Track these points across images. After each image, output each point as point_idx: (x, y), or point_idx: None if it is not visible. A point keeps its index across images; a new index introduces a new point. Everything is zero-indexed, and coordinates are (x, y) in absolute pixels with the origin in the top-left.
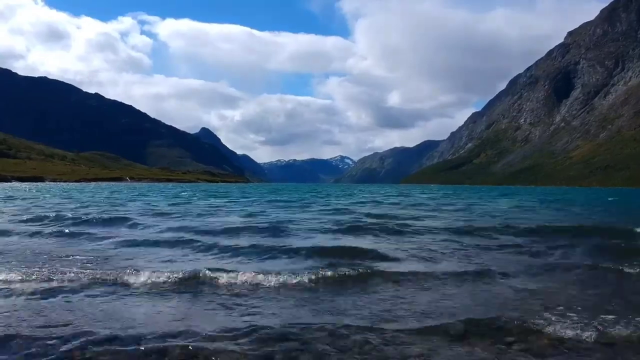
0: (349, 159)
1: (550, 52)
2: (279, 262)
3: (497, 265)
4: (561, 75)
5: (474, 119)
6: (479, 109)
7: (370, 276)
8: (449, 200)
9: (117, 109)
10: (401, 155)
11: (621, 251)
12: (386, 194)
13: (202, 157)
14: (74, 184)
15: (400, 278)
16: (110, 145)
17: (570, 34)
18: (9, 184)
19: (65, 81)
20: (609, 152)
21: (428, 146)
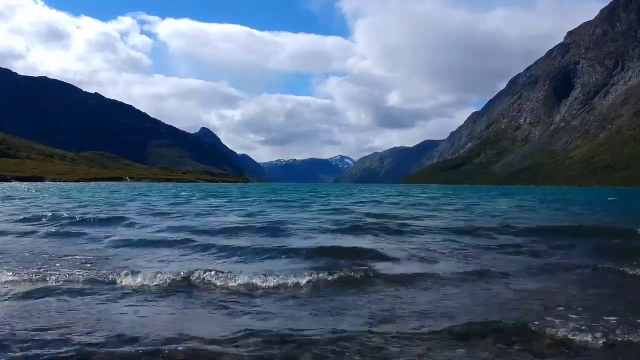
0: (349, 159)
1: (550, 52)
2: (278, 262)
3: (497, 266)
4: (561, 75)
5: (474, 119)
6: (479, 109)
7: (370, 277)
8: (448, 200)
9: (117, 109)
10: (401, 155)
11: (622, 252)
12: (386, 194)
13: (202, 157)
14: (73, 184)
15: (400, 279)
16: (110, 145)
17: (570, 34)
18: (9, 184)
19: (65, 81)
20: (609, 152)
21: (428, 146)
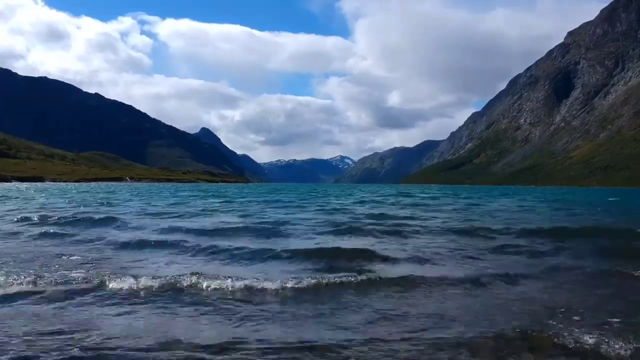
0: (349, 159)
1: (550, 52)
2: (275, 265)
3: (498, 267)
4: (561, 75)
5: (474, 119)
6: (479, 109)
7: (368, 281)
8: (448, 201)
9: (117, 109)
10: (401, 155)
11: (625, 253)
12: (386, 194)
13: (202, 157)
14: (73, 184)
15: (399, 282)
16: (110, 145)
17: (570, 34)
18: (8, 184)
19: (65, 81)
20: (609, 152)
21: (428, 146)
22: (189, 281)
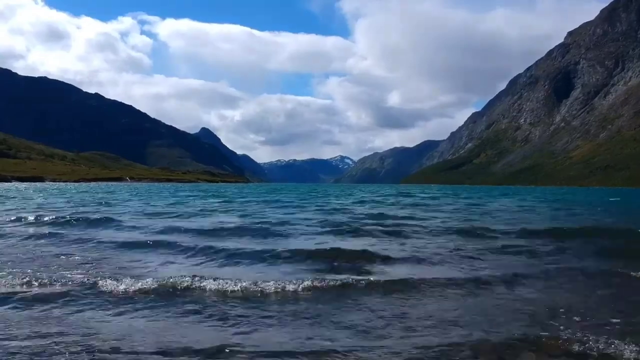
0: (349, 159)
1: (550, 52)
2: (273, 266)
3: (499, 268)
4: (561, 75)
5: (474, 119)
6: (479, 109)
7: (368, 282)
8: (448, 201)
9: (117, 109)
10: (401, 155)
11: (625, 253)
12: (386, 194)
13: (202, 157)
14: (73, 184)
15: (399, 283)
16: (110, 145)
17: (570, 34)
18: (8, 184)
19: (65, 81)
20: (609, 152)
21: (428, 146)
22: (185, 283)
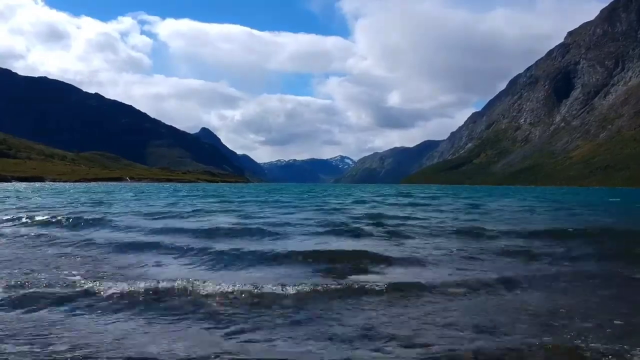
0: (349, 159)
1: (550, 52)
2: (271, 268)
3: (499, 270)
4: (561, 75)
5: (474, 119)
6: (479, 109)
7: (367, 285)
8: (448, 201)
9: (117, 109)
10: (401, 155)
11: (628, 255)
12: (386, 194)
13: (202, 157)
14: (73, 184)
15: (399, 286)
16: (110, 145)
17: (570, 34)
18: (8, 184)
19: (65, 81)
20: (609, 152)
21: (428, 146)
22: (178, 286)
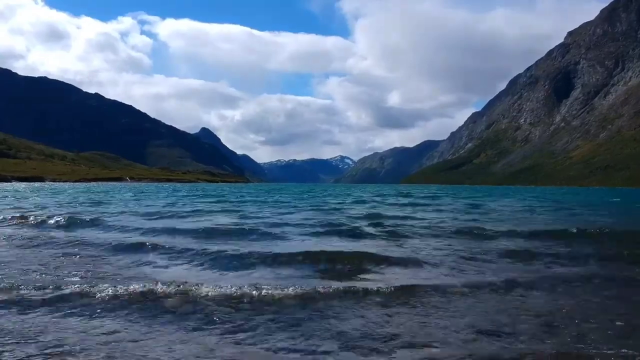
0: (349, 159)
1: (550, 52)
2: (269, 269)
3: (499, 270)
4: (561, 75)
5: (474, 119)
6: (479, 109)
7: (366, 287)
8: (448, 201)
9: (117, 109)
10: (401, 155)
11: (629, 255)
12: (385, 194)
13: (202, 157)
14: (73, 184)
15: (398, 288)
16: (110, 145)
17: (570, 34)
18: (8, 184)
19: (65, 81)
20: (609, 152)
21: (428, 146)
22: (174, 287)
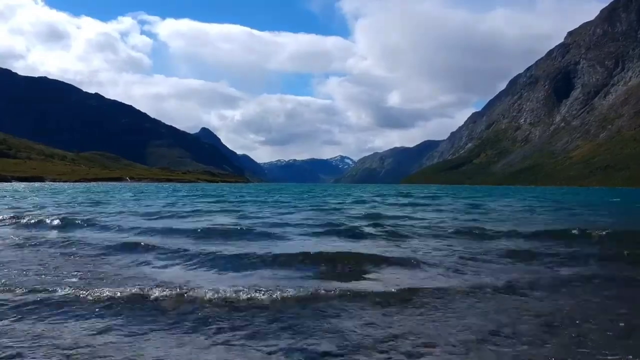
0: (349, 159)
1: (550, 52)
2: (267, 270)
3: (499, 271)
4: (561, 75)
5: (474, 119)
6: (479, 109)
7: (366, 289)
8: (448, 201)
9: (117, 109)
10: (401, 155)
11: (630, 255)
12: (385, 194)
13: (202, 157)
14: (73, 184)
15: (398, 290)
16: (110, 145)
17: (570, 34)
18: (8, 184)
19: (65, 81)
20: (609, 152)
21: (428, 146)
22: (172, 288)
